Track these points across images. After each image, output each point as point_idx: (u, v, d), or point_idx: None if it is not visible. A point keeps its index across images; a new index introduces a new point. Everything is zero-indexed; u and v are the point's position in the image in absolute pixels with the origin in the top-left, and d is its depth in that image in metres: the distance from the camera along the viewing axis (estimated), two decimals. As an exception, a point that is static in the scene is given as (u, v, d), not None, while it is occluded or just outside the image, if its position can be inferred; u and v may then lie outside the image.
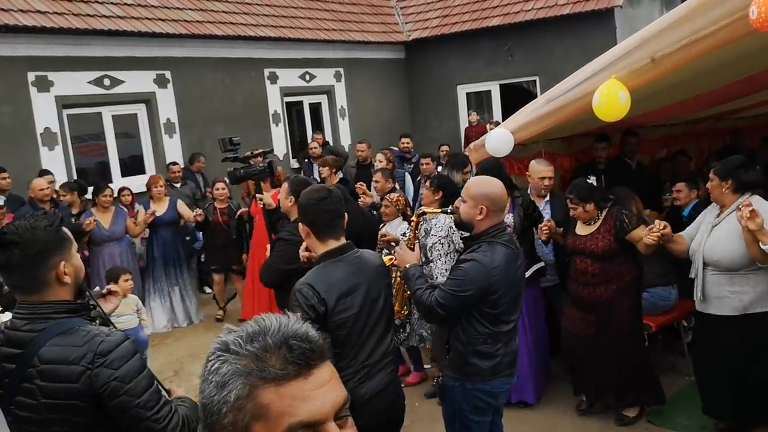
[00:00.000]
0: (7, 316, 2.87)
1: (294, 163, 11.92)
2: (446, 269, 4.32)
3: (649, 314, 4.94)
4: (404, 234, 5.26)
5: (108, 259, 7.14)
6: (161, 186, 7.69)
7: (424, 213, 3.62)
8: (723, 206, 4.04)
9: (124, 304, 4.93)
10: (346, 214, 2.91)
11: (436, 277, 4.45)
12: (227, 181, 7.92)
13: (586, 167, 6.17)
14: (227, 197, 7.97)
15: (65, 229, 2.14)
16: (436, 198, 4.83)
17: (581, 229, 4.54)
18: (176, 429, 2.07)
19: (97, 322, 2.25)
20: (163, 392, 2.33)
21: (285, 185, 4.49)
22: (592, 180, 4.47)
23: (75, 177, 8.98)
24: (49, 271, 2.05)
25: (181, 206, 7.75)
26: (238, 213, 7.69)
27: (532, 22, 13.00)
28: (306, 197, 2.88)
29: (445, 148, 10.14)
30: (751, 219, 3.57)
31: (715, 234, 3.98)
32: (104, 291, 2.53)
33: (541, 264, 5.01)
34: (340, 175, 8.27)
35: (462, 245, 4.46)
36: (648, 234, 4.11)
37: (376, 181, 6.69)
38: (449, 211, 3.45)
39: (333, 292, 2.69)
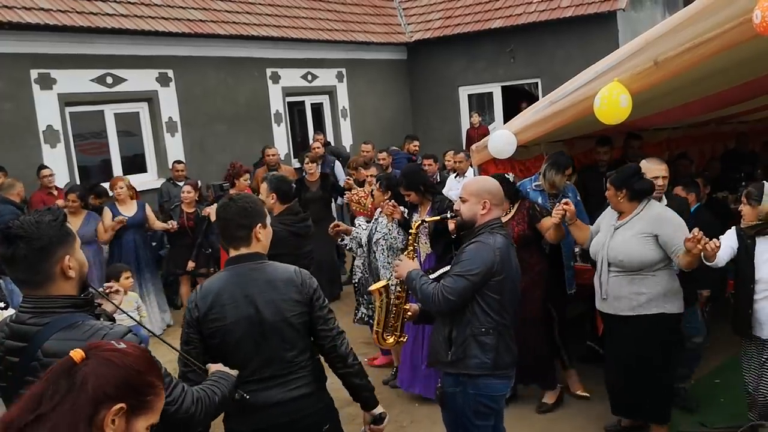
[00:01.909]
0: (9, 312, 2.88)
1: (296, 163, 11.92)
2: (388, 262, 5.26)
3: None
4: (359, 224, 5.78)
5: None
6: (121, 188, 7.36)
7: (424, 221, 3.61)
8: (622, 212, 4.23)
9: (125, 301, 4.94)
10: (256, 227, 2.77)
11: (380, 269, 5.28)
12: (198, 184, 7.94)
13: (588, 169, 6.18)
14: (195, 201, 7.73)
15: (68, 225, 2.16)
16: (385, 197, 5.36)
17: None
18: (190, 407, 2.12)
19: (102, 318, 2.27)
20: (199, 370, 2.47)
21: (264, 185, 4.58)
22: (510, 176, 4.95)
23: (77, 175, 8.99)
24: (54, 265, 2.06)
25: (150, 211, 7.54)
26: (203, 212, 7.56)
27: (534, 25, 13.01)
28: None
29: (449, 155, 9.69)
30: (712, 249, 3.67)
31: (617, 237, 4.16)
32: (105, 290, 2.55)
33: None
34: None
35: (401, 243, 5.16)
36: (554, 215, 4.48)
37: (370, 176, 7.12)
38: (449, 216, 3.47)
39: (207, 300, 2.66)
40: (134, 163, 10.03)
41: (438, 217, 3.63)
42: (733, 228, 4.08)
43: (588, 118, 4.35)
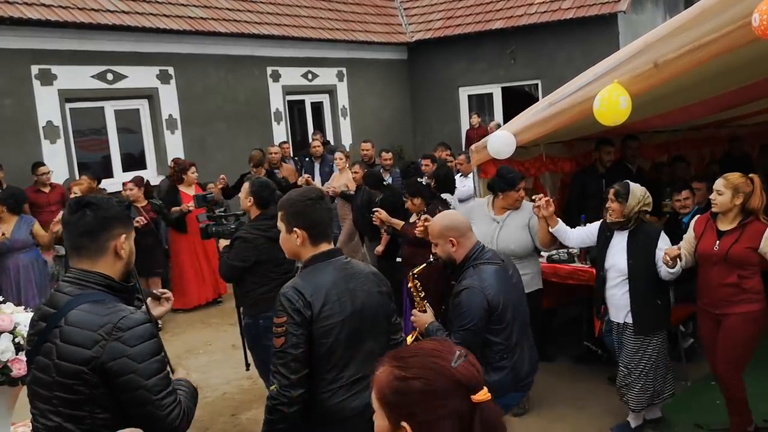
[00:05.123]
0: (9, 307, 2.88)
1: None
2: None
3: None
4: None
5: (13, 269, 6.49)
6: (76, 194, 6.68)
7: (413, 274, 3.58)
8: (508, 208, 4.92)
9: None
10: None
11: None
12: (143, 180, 7.84)
13: (587, 171, 6.19)
14: (142, 196, 7.50)
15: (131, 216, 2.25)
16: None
17: (413, 218, 5.70)
18: (177, 419, 2.07)
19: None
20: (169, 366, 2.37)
21: (246, 185, 4.58)
22: (423, 180, 5.70)
23: (76, 171, 8.99)
24: (111, 239, 2.17)
25: (37, 228, 6.64)
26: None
27: (535, 26, 13.03)
28: (300, 200, 2.65)
29: (442, 153, 9.72)
30: (546, 208, 4.46)
31: (505, 229, 4.86)
32: (159, 292, 2.56)
33: None
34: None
35: None
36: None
37: (355, 172, 7.62)
38: (432, 261, 3.48)
39: (319, 296, 2.51)
40: (134, 160, 10.05)
41: (424, 265, 3.58)
42: (599, 221, 4.58)
43: (588, 119, 4.36)
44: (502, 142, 5.05)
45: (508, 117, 12.59)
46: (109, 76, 9.37)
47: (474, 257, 3.27)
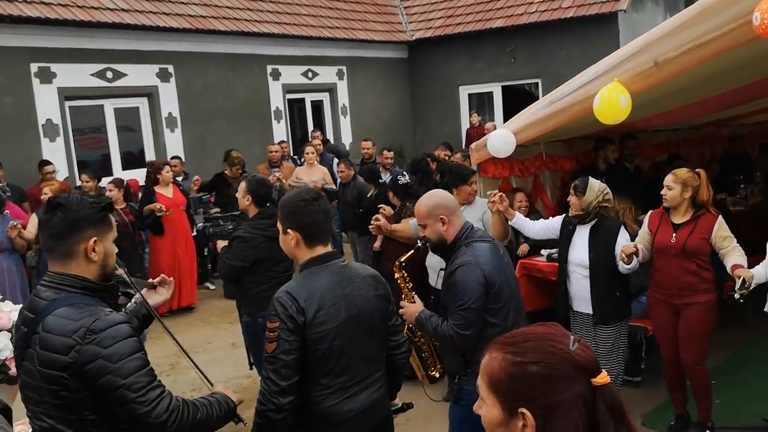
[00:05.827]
0: (8, 305, 2.88)
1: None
2: None
3: (645, 317, 4.96)
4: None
5: None
6: (46, 194, 6.41)
7: (401, 262, 3.47)
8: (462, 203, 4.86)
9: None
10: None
11: None
12: (123, 182, 7.73)
13: (587, 169, 6.18)
14: (121, 198, 7.27)
15: (111, 217, 2.23)
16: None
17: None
18: (162, 414, 2.05)
19: (124, 310, 2.33)
20: (207, 383, 2.45)
21: (243, 184, 4.56)
22: (404, 179, 5.80)
23: (76, 170, 9.00)
24: (80, 242, 2.12)
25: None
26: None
27: (535, 25, 13.03)
28: (293, 200, 2.63)
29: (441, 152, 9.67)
30: (501, 202, 4.48)
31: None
32: (156, 282, 2.56)
33: None
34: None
35: None
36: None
37: (341, 171, 7.85)
38: (420, 245, 3.35)
39: (313, 302, 2.46)
40: (134, 159, 10.04)
41: (412, 252, 3.43)
42: (562, 215, 4.69)
43: (588, 118, 4.35)
44: (502, 140, 5.04)
45: (508, 115, 12.61)
46: (109, 74, 9.37)
47: (465, 236, 3.14)
